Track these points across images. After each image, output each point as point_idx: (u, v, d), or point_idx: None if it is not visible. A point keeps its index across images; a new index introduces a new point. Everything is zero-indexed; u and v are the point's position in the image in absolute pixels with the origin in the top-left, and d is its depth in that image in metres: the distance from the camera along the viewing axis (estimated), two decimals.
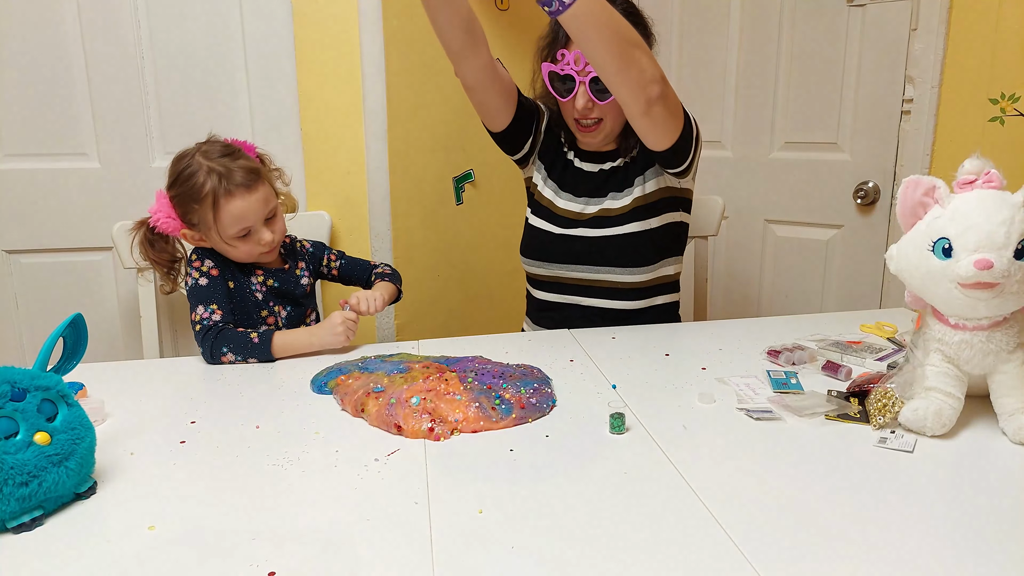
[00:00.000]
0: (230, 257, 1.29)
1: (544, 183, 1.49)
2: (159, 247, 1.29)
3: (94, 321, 1.84)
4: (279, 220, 1.30)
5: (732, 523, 0.71)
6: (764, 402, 0.99)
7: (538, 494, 0.77)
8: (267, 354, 1.19)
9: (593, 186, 1.44)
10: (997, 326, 0.89)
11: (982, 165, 0.88)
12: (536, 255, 1.47)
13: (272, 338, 1.19)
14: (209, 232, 1.24)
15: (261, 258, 1.29)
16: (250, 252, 1.27)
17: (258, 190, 1.24)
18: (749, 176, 2.18)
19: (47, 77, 1.75)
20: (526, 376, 1.06)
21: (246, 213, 1.22)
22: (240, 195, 1.22)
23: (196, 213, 1.23)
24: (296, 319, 1.36)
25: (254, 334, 1.19)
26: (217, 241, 1.25)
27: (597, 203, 1.42)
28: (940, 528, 0.70)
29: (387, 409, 0.95)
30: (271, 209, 1.27)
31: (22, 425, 0.71)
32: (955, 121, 1.79)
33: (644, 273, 1.39)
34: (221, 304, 1.23)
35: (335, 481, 0.81)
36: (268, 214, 1.26)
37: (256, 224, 1.24)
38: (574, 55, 1.31)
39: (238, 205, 1.21)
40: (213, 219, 1.22)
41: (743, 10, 2.11)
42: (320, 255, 1.44)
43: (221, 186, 1.21)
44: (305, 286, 1.37)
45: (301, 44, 1.83)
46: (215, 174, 1.21)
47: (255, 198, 1.23)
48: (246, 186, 1.23)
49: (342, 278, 1.46)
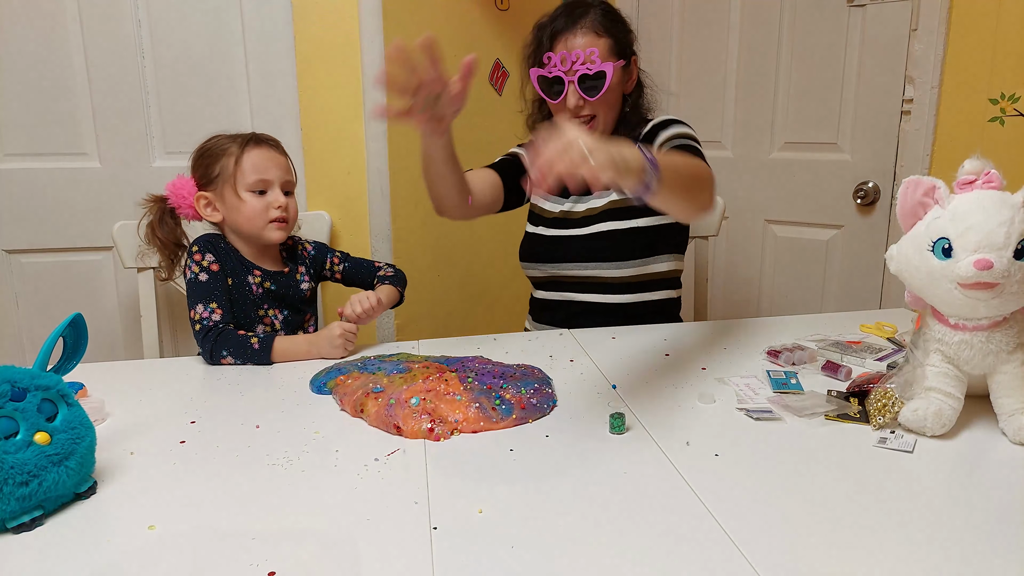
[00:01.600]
0: (235, 227, 1.29)
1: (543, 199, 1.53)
2: (167, 226, 1.32)
3: (94, 321, 1.84)
4: (294, 200, 1.32)
5: (732, 523, 0.71)
6: (764, 402, 0.99)
7: (538, 494, 0.77)
8: (266, 360, 1.19)
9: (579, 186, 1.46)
10: (997, 326, 0.89)
11: (982, 165, 0.88)
12: (532, 258, 1.51)
13: (272, 345, 1.19)
14: (225, 186, 1.26)
15: (267, 234, 1.27)
16: (259, 215, 1.26)
17: (283, 156, 1.32)
18: (749, 176, 2.18)
19: (47, 77, 1.75)
20: (527, 376, 1.06)
21: (268, 164, 1.28)
22: (266, 148, 1.29)
23: (219, 163, 1.27)
24: (294, 324, 1.34)
25: (254, 339, 1.18)
26: (230, 198, 1.26)
27: (584, 202, 1.46)
28: (940, 528, 0.70)
29: (386, 410, 0.94)
30: (289, 182, 1.31)
31: (22, 425, 0.71)
32: (955, 121, 1.79)
33: (633, 268, 1.41)
34: (221, 303, 1.22)
35: (335, 481, 0.81)
36: (286, 186, 1.30)
37: (274, 183, 1.28)
38: (559, 56, 1.34)
39: (262, 154, 1.28)
40: (235, 166, 1.26)
41: (743, 10, 2.11)
42: (323, 258, 1.42)
43: (250, 138, 1.29)
44: (305, 291, 1.36)
45: (301, 44, 1.83)
46: (244, 135, 1.30)
47: (279, 159, 1.30)
48: (273, 145, 1.31)
49: (346, 281, 1.45)
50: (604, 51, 1.34)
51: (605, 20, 1.36)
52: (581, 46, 1.33)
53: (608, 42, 1.35)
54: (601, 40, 1.34)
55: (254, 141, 1.29)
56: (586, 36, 1.34)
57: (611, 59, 1.35)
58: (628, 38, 1.41)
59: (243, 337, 1.19)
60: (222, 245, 1.28)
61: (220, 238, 1.30)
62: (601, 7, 1.38)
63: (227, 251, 1.28)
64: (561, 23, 1.36)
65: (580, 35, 1.34)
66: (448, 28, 2.03)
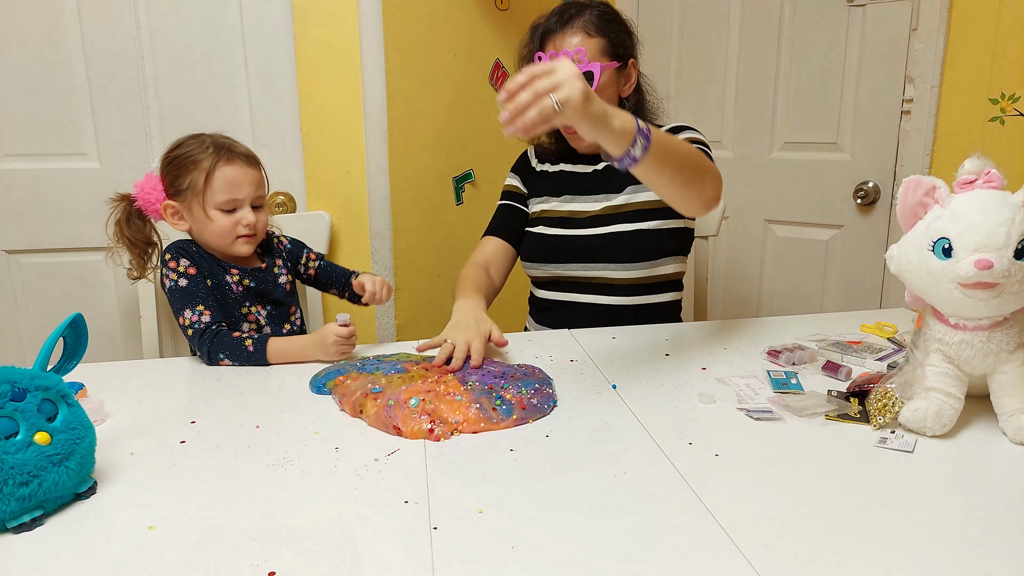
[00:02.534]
0: (203, 240, 1.27)
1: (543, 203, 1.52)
2: (135, 225, 1.29)
3: (94, 321, 1.84)
4: (264, 213, 1.29)
5: (732, 523, 0.71)
6: (764, 402, 0.99)
7: (538, 494, 0.77)
8: (263, 362, 1.18)
9: (588, 186, 1.47)
10: (997, 326, 0.89)
11: (982, 165, 0.88)
12: (536, 257, 1.49)
13: (267, 346, 1.18)
14: (194, 200, 1.23)
15: (235, 248, 1.26)
16: (227, 232, 1.24)
17: (255, 170, 1.28)
18: (749, 176, 2.18)
19: (47, 77, 1.75)
20: (528, 376, 1.06)
21: (240, 183, 1.24)
22: (238, 164, 1.25)
23: (188, 175, 1.23)
24: (279, 318, 1.33)
25: (249, 341, 1.18)
26: (198, 213, 1.24)
27: (593, 202, 1.44)
28: (940, 528, 0.70)
29: (385, 411, 0.94)
30: (260, 196, 1.28)
31: (22, 425, 0.71)
32: (955, 121, 1.79)
33: (642, 270, 1.41)
34: (207, 304, 1.21)
35: (335, 481, 0.81)
36: (256, 201, 1.27)
37: (244, 202, 1.25)
38: (548, 55, 1.34)
39: (234, 172, 1.24)
40: (204, 183, 1.22)
41: (743, 10, 2.11)
42: (298, 253, 1.40)
43: (222, 152, 1.24)
44: (284, 284, 1.34)
45: (301, 44, 1.83)
46: (217, 144, 1.25)
47: (251, 174, 1.26)
48: (245, 159, 1.26)
49: (318, 280, 1.42)
50: (595, 51, 1.33)
51: (599, 21, 1.35)
52: (570, 46, 1.32)
53: (600, 42, 1.34)
54: (592, 40, 1.33)
55: (226, 155, 1.24)
56: (576, 36, 1.33)
57: (602, 60, 1.34)
58: (625, 40, 1.39)
59: (238, 339, 1.18)
60: (194, 249, 1.27)
61: (191, 243, 1.29)
62: (598, 8, 1.37)
63: (200, 254, 1.27)
64: (553, 23, 1.36)
65: (571, 35, 1.33)
66: (448, 28, 2.03)
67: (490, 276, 1.47)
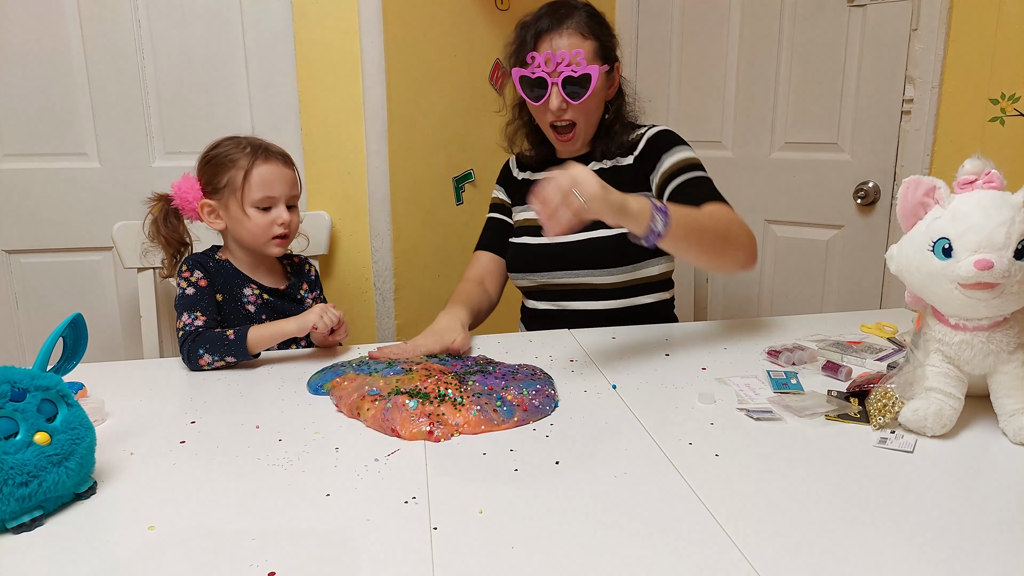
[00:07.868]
0: (238, 238, 1.29)
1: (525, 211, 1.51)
2: (171, 224, 1.32)
3: (94, 321, 1.84)
4: (297, 214, 1.32)
5: (732, 523, 0.71)
6: (764, 402, 0.99)
7: (538, 494, 0.77)
8: (243, 350, 1.14)
9: None
10: (997, 326, 0.89)
11: (982, 165, 0.88)
12: (521, 267, 1.48)
13: (247, 333, 1.15)
14: (231, 198, 1.26)
15: (268, 248, 1.28)
16: (263, 231, 1.27)
17: (290, 169, 1.31)
18: (749, 176, 2.18)
19: (47, 77, 1.75)
20: (529, 376, 1.06)
21: (275, 181, 1.27)
22: (275, 163, 1.28)
23: (227, 174, 1.26)
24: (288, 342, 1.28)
25: (230, 331, 1.15)
26: (235, 211, 1.26)
27: None
28: (940, 528, 0.70)
29: (383, 413, 0.94)
30: (294, 196, 1.31)
31: (22, 425, 0.71)
32: (955, 121, 1.79)
33: (626, 273, 1.39)
34: (206, 312, 1.21)
35: (335, 481, 0.80)
36: (291, 200, 1.30)
37: (279, 200, 1.28)
38: (544, 56, 1.31)
39: (271, 170, 1.27)
40: (242, 180, 1.25)
41: (743, 10, 2.11)
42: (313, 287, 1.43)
43: (259, 151, 1.28)
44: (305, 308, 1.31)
45: (301, 44, 1.83)
46: (254, 144, 1.29)
47: (287, 174, 1.30)
48: (281, 159, 1.30)
49: None
50: (589, 54, 1.31)
51: (591, 22, 1.34)
52: (566, 47, 1.30)
53: (594, 45, 1.33)
54: (587, 42, 1.32)
55: (263, 155, 1.27)
56: (572, 37, 1.31)
57: (596, 62, 1.32)
58: (612, 42, 1.38)
59: (219, 332, 1.16)
60: (211, 264, 1.28)
61: (210, 256, 1.30)
62: (586, 9, 1.35)
63: (218, 268, 1.28)
64: (546, 23, 1.33)
65: (566, 35, 1.31)
66: (448, 28, 2.03)
67: (485, 290, 1.47)
